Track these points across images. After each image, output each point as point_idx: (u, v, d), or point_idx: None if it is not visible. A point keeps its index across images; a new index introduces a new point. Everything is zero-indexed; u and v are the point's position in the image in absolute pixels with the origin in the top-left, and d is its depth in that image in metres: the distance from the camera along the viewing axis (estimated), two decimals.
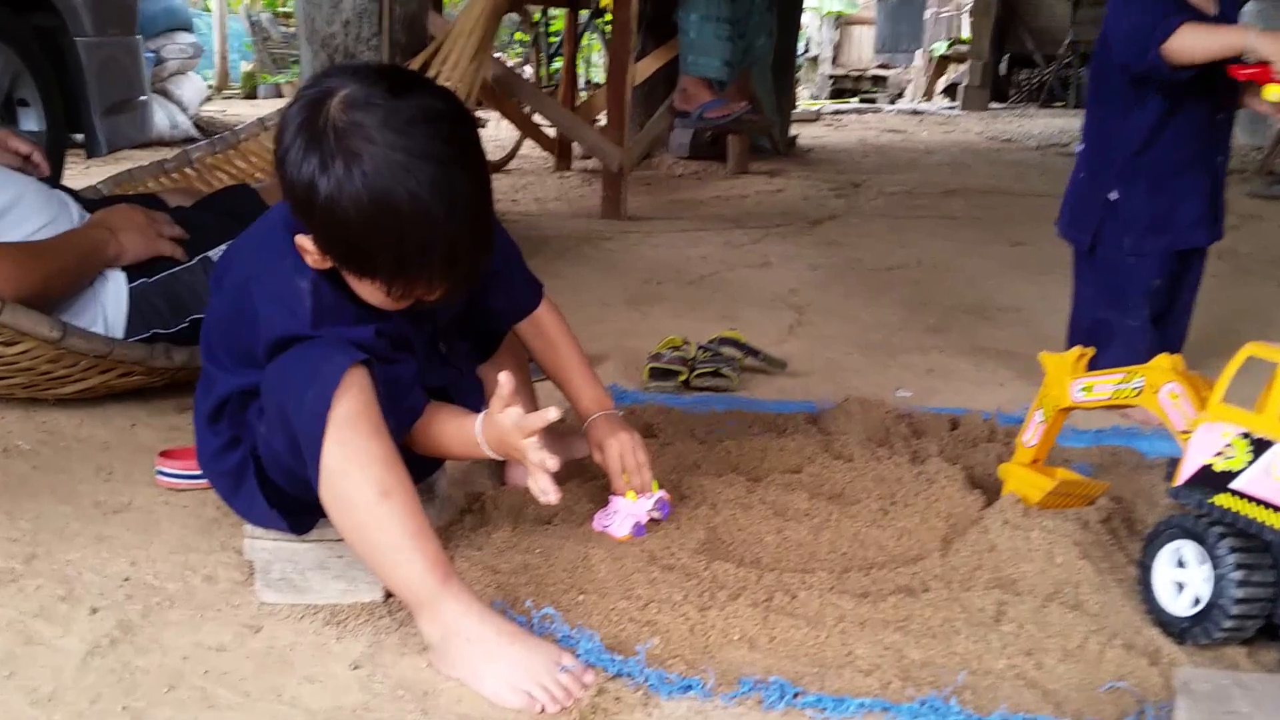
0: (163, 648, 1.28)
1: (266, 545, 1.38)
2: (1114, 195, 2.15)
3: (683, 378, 2.25)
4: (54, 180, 2.17)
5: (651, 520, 1.54)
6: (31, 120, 3.27)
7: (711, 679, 1.18)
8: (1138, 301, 2.15)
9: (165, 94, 6.67)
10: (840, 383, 2.35)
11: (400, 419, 1.32)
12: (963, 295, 3.20)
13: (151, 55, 6.37)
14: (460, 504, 1.67)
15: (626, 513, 1.53)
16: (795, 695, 1.17)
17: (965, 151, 7.43)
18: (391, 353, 1.33)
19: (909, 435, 1.93)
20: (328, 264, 1.27)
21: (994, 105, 12.05)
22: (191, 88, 7.04)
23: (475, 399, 1.52)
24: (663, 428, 1.95)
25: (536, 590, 1.37)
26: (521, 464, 1.31)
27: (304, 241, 1.25)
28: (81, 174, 4.64)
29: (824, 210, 4.79)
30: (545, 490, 1.28)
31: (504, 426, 1.28)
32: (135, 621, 1.33)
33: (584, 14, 6.18)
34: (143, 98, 3.82)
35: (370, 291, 1.27)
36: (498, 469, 1.77)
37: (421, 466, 1.52)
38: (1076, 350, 1.60)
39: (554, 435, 1.74)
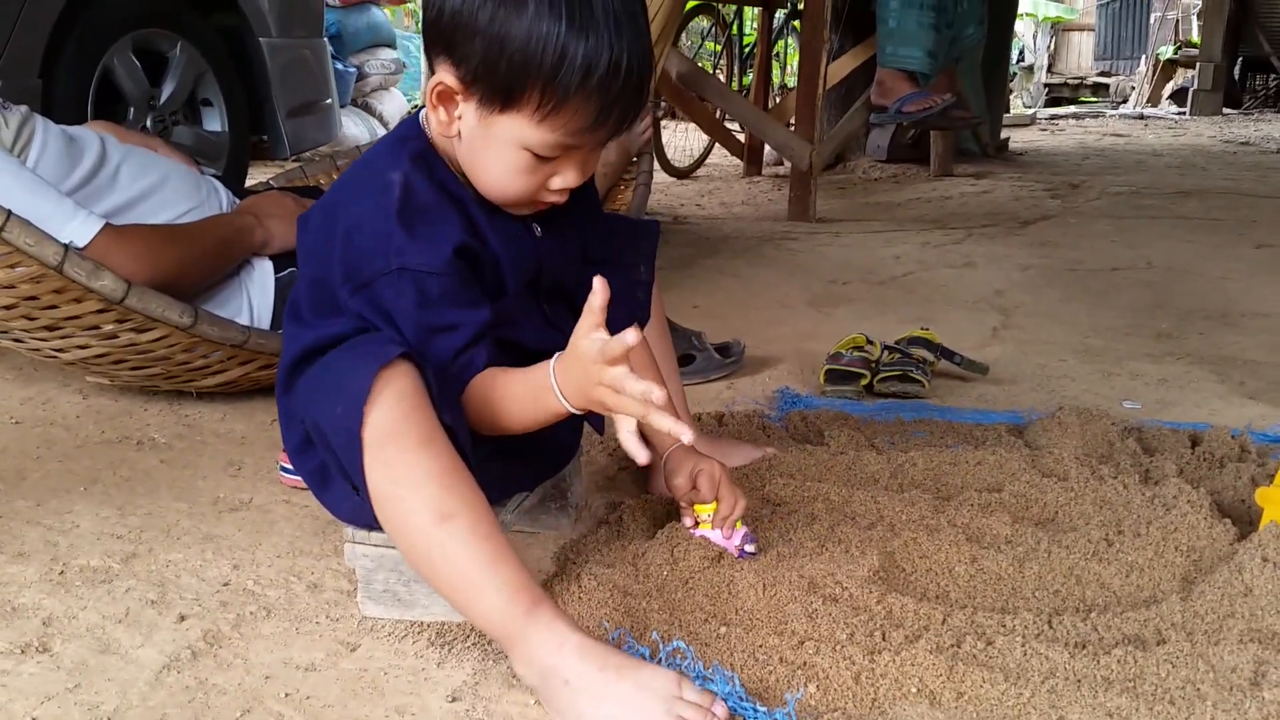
0: (247, 664, 1.13)
1: (369, 552, 1.21)
2: None
3: (865, 381, 1.99)
4: (236, 183, 2.12)
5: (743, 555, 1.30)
6: (215, 121, 3.30)
7: None
8: None
9: (367, 108, 6.81)
10: (1053, 391, 2.04)
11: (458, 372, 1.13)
12: (1202, 299, 2.80)
13: (354, 70, 6.52)
14: (598, 514, 1.47)
15: (716, 544, 1.29)
16: None
17: (1197, 154, 6.80)
18: (465, 285, 1.14)
19: (1138, 452, 1.61)
20: (454, 126, 1.12)
21: (1227, 111, 11.12)
22: (393, 103, 7.17)
23: None
24: (835, 435, 1.69)
25: (670, 617, 1.15)
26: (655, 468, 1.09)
27: (444, 75, 1.09)
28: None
29: (1037, 210, 4.40)
30: (632, 447, 1.02)
31: (586, 355, 1.02)
32: (224, 632, 1.19)
33: (780, 15, 5.97)
34: (328, 100, 3.83)
35: (510, 139, 1.09)
36: (641, 476, 1.56)
37: (544, 462, 1.34)
38: None
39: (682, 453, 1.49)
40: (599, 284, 1.01)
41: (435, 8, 1.08)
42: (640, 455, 1.02)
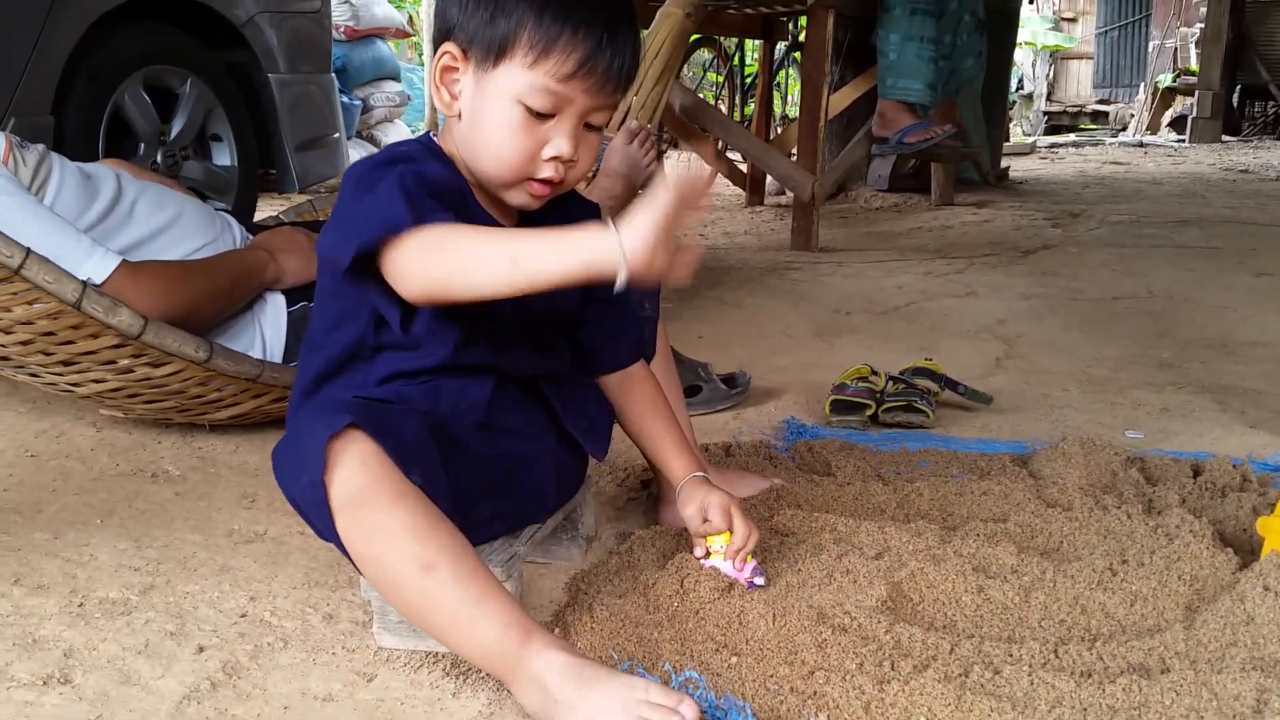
0: (265, 695, 1.15)
1: None
2: None
3: (870, 412, 2.01)
4: (246, 217, 2.15)
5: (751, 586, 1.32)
6: (224, 156, 3.34)
7: None
8: None
9: (372, 140, 6.87)
10: (1057, 421, 2.06)
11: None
12: (1202, 328, 2.83)
13: (359, 103, 6.59)
14: (609, 544, 1.49)
15: (726, 575, 1.31)
16: None
17: (1197, 182, 6.84)
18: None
19: (1141, 482, 1.63)
20: (456, 105, 1.19)
21: (1226, 138, 11.18)
22: (398, 135, 7.23)
23: (586, 403, 1.36)
24: (841, 465, 1.72)
25: (682, 648, 1.16)
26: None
27: (448, 46, 1.18)
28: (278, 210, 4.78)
29: (1038, 240, 4.43)
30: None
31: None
32: (242, 663, 1.21)
33: (780, 47, 6.02)
34: (336, 135, 3.87)
35: (504, 94, 1.15)
36: (651, 508, 1.58)
37: (554, 493, 1.36)
38: None
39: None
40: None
41: (440, 15, 1.19)
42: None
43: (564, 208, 1.28)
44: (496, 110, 1.16)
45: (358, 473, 1.06)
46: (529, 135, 1.17)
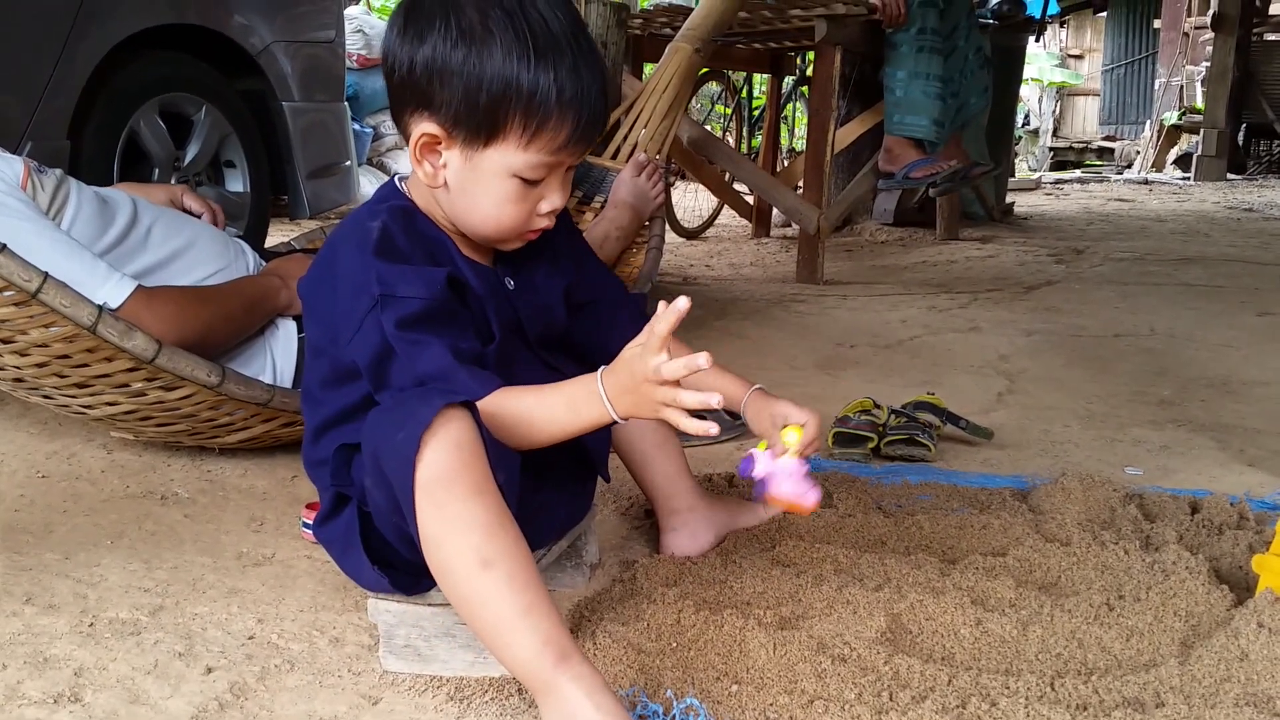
0: (272, 716, 1.17)
1: (391, 608, 1.25)
2: None
3: (872, 444, 2.03)
4: (257, 243, 2.18)
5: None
6: (237, 182, 3.38)
7: None
8: None
9: (382, 168, 6.92)
10: (1057, 457, 2.08)
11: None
12: (1204, 367, 2.85)
13: (370, 130, 6.64)
14: (612, 572, 1.51)
15: (786, 496, 1.30)
16: None
17: (1201, 220, 6.87)
18: (451, 316, 1.20)
19: (1139, 518, 1.65)
20: (440, 175, 1.20)
21: (1231, 176, 11.23)
22: (407, 163, 7.27)
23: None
24: (843, 497, 1.74)
25: (683, 675, 1.18)
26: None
27: (425, 125, 1.18)
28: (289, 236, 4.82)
29: (1041, 276, 4.46)
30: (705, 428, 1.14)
31: (640, 373, 1.10)
32: (250, 684, 1.22)
33: (788, 81, 6.08)
34: (347, 163, 3.91)
35: (499, 170, 1.18)
36: (654, 537, 1.60)
37: (560, 519, 1.38)
38: None
39: (711, 506, 1.55)
40: (671, 307, 1.07)
41: (404, 64, 1.18)
42: (709, 431, 1.16)
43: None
44: (493, 186, 1.19)
45: (451, 453, 1.06)
46: (526, 201, 1.21)
